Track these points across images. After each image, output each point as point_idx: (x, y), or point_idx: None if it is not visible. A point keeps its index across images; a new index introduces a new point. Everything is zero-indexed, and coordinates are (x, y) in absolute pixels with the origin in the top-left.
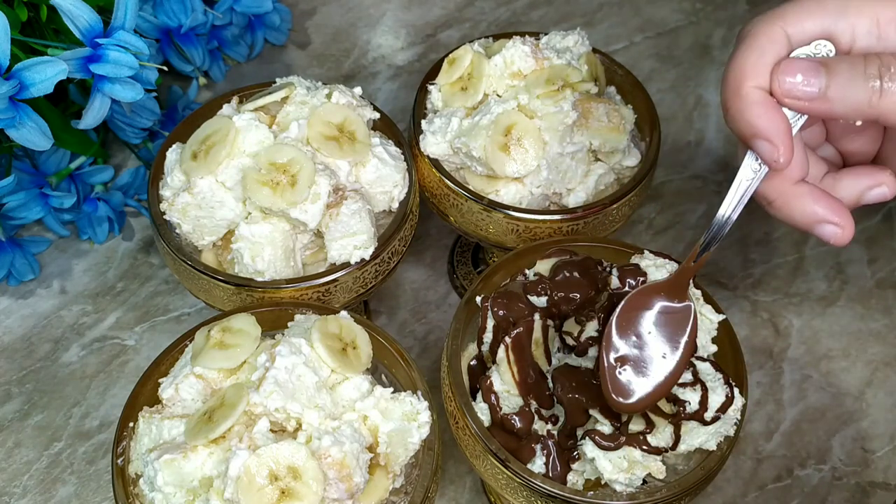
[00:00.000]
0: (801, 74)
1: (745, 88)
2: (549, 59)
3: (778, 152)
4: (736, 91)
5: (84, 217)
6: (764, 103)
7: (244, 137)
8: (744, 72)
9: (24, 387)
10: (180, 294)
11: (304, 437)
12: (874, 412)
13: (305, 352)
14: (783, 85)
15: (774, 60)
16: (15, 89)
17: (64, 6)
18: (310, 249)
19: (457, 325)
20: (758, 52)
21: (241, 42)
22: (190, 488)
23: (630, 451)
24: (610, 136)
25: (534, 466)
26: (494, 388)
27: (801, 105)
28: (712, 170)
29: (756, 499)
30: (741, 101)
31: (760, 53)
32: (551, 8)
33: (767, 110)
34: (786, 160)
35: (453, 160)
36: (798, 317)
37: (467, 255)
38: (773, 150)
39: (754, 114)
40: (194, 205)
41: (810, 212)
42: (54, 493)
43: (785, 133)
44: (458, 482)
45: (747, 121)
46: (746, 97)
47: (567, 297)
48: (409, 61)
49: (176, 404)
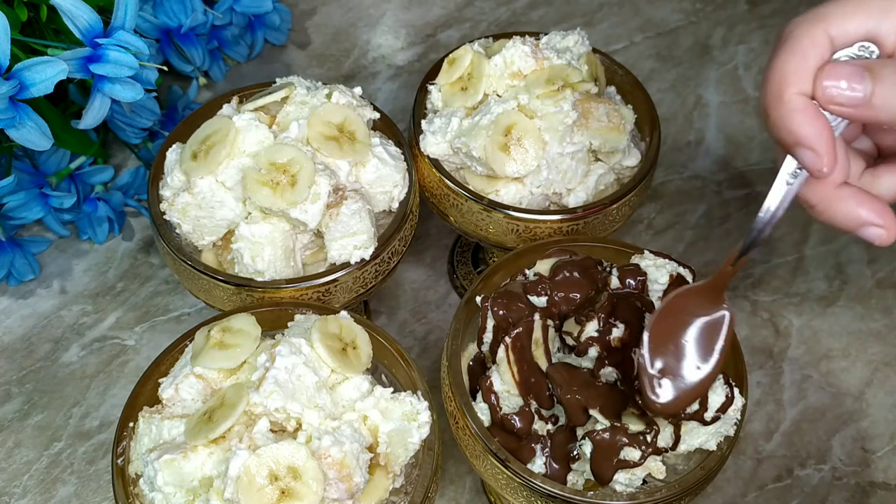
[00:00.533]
0: (846, 80)
1: (788, 94)
2: (549, 59)
3: (822, 162)
4: (778, 97)
5: (84, 217)
6: (807, 110)
7: (244, 137)
8: (786, 77)
9: (24, 387)
10: (180, 294)
11: (304, 437)
12: (874, 412)
13: (305, 352)
14: (827, 91)
15: (817, 64)
16: (15, 89)
17: (64, 6)
18: (310, 249)
19: (457, 325)
20: (800, 56)
21: (241, 42)
22: (190, 488)
23: (630, 451)
24: (610, 136)
25: (534, 466)
26: (494, 388)
27: (845, 111)
28: (712, 170)
29: (756, 499)
30: (783, 107)
31: (802, 57)
32: (551, 8)
33: (811, 118)
34: (829, 169)
35: (453, 160)
36: (798, 317)
37: (467, 255)
38: (817, 159)
39: (797, 122)
40: (194, 205)
41: (854, 216)
42: (54, 493)
43: (828, 142)
44: (458, 482)
45: (789, 129)
46: (789, 104)
47: (567, 297)
48: (409, 61)
49: (176, 404)
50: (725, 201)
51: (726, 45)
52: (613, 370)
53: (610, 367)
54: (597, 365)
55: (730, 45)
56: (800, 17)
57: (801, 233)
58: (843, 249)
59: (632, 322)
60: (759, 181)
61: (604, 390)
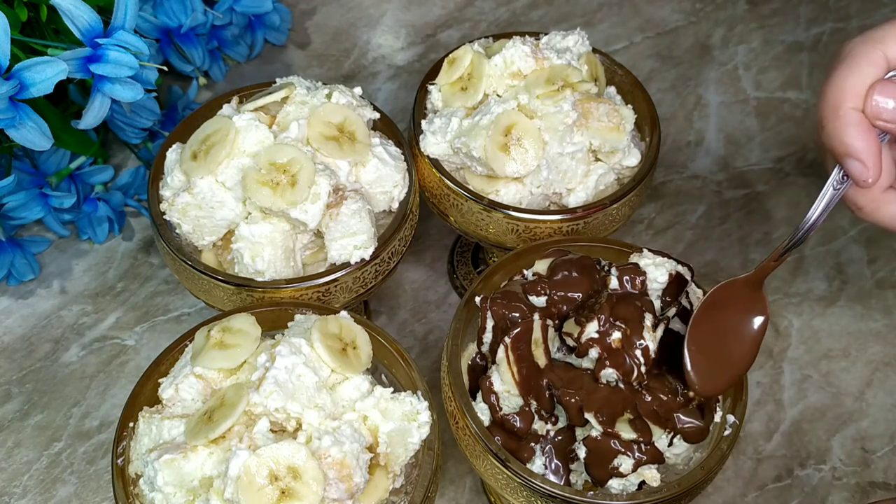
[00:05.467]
0: (893, 99)
1: (844, 109)
2: (549, 59)
3: (868, 173)
4: (835, 111)
5: (84, 217)
6: (860, 125)
7: (244, 137)
8: (843, 93)
9: (24, 387)
10: (180, 294)
11: (304, 437)
12: (874, 412)
13: (305, 352)
14: (875, 107)
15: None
16: (15, 89)
17: (64, 6)
18: (310, 249)
19: (457, 325)
20: (857, 74)
21: (241, 42)
22: (190, 488)
23: (624, 459)
24: (610, 136)
25: (534, 466)
26: (494, 388)
27: (890, 127)
28: (712, 170)
29: (756, 499)
30: (839, 121)
31: (859, 75)
32: (551, 8)
33: (862, 133)
34: (874, 181)
35: (453, 160)
36: (798, 317)
37: (467, 255)
38: (864, 170)
39: (850, 135)
40: (194, 205)
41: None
42: (54, 493)
43: (876, 155)
44: (458, 482)
45: (842, 140)
46: (844, 118)
47: (566, 297)
48: (409, 61)
49: (176, 404)
50: (725, 201)
51: (726, 45)
52: (614, 371)
53: (610, 368)
54: (597, 366)
55: (730, 45)
56: (859, 38)
57: None
58: (843, 249)
59: (632, 322)
60: (759, 181)
61: (603, 392)
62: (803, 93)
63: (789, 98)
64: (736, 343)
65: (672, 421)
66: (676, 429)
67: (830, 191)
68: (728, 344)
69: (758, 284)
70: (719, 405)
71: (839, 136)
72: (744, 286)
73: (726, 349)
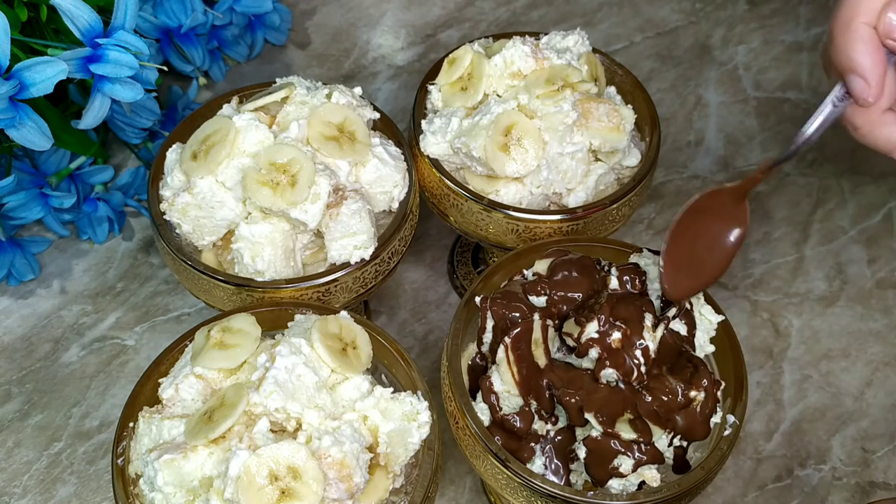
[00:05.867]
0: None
1: (856, 23)
2: (549, 59)
3: (869, 92)
4: (846, 24)
5: (84, 217)
6: (869, 42)
7: (244, 137)
8: (859, 5)
9: (24, 387)
10: (180, 294)
11: (304, 437)
12: (874, 412)
13: (305, 352)
14: (889, 24)
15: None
16: (15, 89)
17: (64, 6)
18: (310, 249)
19: (457, 325)
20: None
21: (241, 42)
22: (190, 488)
23: (624, 459)
24: (610, 136)
25: (534, 466)
26: (494, 388)
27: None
28: (712, 170)
29: (756, 499)
30: (849, 34)
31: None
32: (551, 8)
33: (871, 50)
34: (874, 100)
35: (453, 160)
36: (798, 317)
37: (467, 255)
38: (866, 89)
39: (858, 50)
40: (194, 205)
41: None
42: (54, 493)
43: (881, 76)
44: (458, 482)
45: (849, 55)
46: (855, 32)
47: (566, 297)
48: (409, 61)
49: (176, 404)
50: None
51: (726, 45)
52: (614, 371)
53: (610, 368)
54: (597, 366)
55: (730, 45)
56: None
57: (801, 233)
58: (843, 249)
59: (632, 322)
60: None
61: (603, 392)
62: (803, 93)
63: (789, 98)
64: (712, 251)
65: (672, 421)
66: (676, 429)
67: (829, 107)
68: (705, 251)
69: (743, 195)
70: (720, 405)
71: (847, 50)
72: (729, 195)
73: (702, 256)
